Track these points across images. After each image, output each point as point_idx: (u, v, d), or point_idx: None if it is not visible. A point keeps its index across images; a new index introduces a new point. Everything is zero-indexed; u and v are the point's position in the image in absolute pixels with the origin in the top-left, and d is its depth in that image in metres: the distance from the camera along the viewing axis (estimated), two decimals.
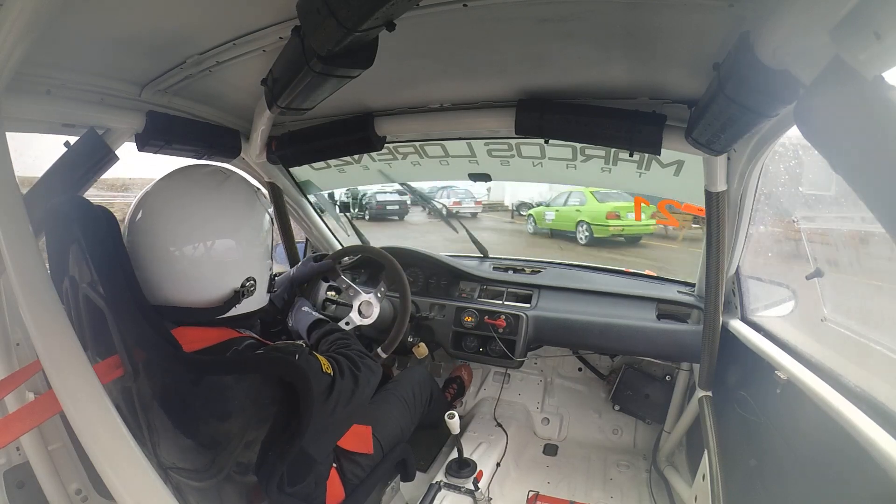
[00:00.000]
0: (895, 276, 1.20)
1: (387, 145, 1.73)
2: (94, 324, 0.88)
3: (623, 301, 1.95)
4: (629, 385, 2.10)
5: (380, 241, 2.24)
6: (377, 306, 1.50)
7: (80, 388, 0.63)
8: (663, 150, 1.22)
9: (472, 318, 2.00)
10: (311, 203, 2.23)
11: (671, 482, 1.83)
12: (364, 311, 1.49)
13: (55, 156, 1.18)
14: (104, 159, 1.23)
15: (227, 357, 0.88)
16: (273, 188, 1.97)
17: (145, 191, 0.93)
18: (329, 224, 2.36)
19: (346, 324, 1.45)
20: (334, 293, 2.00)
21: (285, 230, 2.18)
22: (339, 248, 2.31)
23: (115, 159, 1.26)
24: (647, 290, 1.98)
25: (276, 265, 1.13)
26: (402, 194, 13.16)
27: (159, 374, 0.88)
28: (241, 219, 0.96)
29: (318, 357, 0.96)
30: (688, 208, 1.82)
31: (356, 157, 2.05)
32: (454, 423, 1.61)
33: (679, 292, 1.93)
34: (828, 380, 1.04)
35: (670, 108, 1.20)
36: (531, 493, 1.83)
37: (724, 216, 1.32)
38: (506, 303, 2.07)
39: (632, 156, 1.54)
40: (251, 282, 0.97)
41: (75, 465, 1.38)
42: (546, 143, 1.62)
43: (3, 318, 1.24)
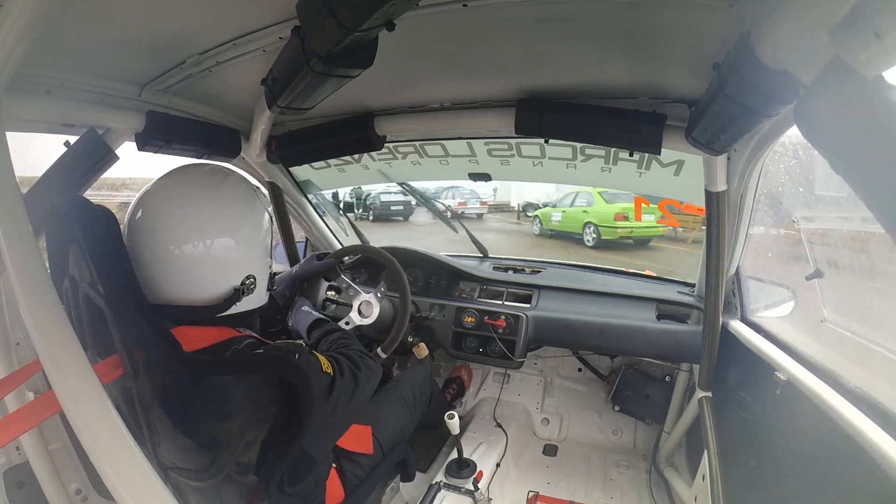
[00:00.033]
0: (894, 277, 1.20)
1: (387, 145, 1.72)
2: (94, 324, 0.89)
3: (623, 301, 1.95)
4: (629, 385, 2.10)
5: (379, 243, 2.24)
6: (377, 306, 1.50)
7: (80, 388, 0.63)
8: (663, 149, 1.22)
9: (472, 319, 2.00)
10: (311, 203, 2.23)
11: (671, 482, 1.83)
12: (364, 311, 1.49)
13: (55, 156, 1.18)
14: (104, 159, 1.23)
15: (227, 357, 0.88)
16: (273, 188, 1.97)
17: (145, 190, 0.93)
18: (329, 224, 2.36)
19: (346, 324, 1.45)
20: (334, 293, 2.00)
21: (285, 230, 2.18)
22: (339, 247, 2.31)
23: (115, 159, 1.26)
24: (647, 290, 1.98)
25: (276, 265, 1.13)
26: (406, 195, 12.91)
27: (159, 374, 0.88)
28: (240, 217, 0.96)
29: (319, 357, 0.96)
30: (688, 208, 1.82)
31: (356, 156, 2.05)
32: (454, 424, 1.61)
33: (679, 293, 1.93)
34: (827, 380, 1.04)
35: (670, 108, 1.20)
36: (531, 494, 1.83)
37: (724, 216, 1.32)
38: (506, 303, 2.07)
39: (632, 155, 1.54)
40: (251, 280, 0.97)
41: (75, 465, 1.38)
42: (546, 142, 1.62)
43: (3, 318, 1.24)
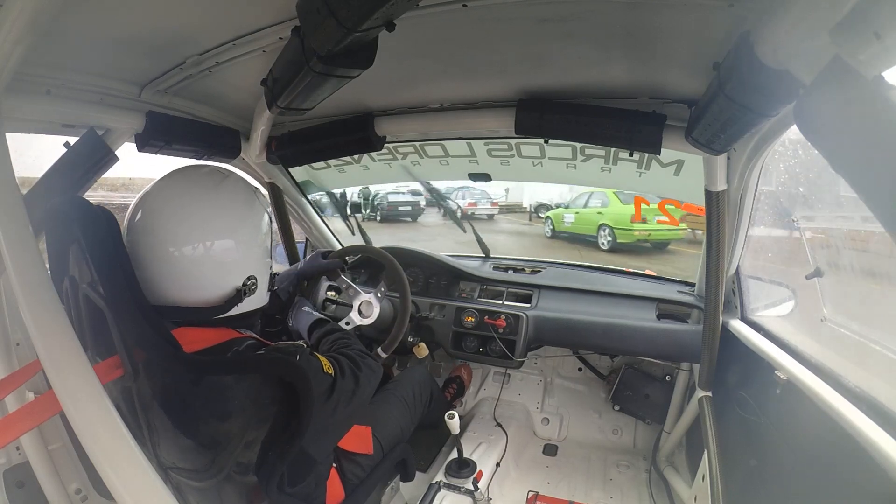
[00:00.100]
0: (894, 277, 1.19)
1: (387, 145, 1.72)
2: (94, 324, 0.88)
3: (623, 301, 1.95)
4: (629, 385, 2.10)
5: (383, 244, 2.24)
6: (377, 306, 1.50)
7: (80, 388, 0.63)
8: (663, 149, 1.22)
9: (473, 318, 2.00)
10: (311, 203, 2.23)
11: (671, 482, 1.83)
12: (364, 311, 1.49)
13: (55, 156, 1.18)
14: (104, 159, 1.23)
15: (228, 357, 0.88)
16: (273, 188, 1.97)
17: (145, 191, 0.93)
18: (330, 225, 2.36)
19: (347, 324, 1.45)
20: (334, 293, 2.00)
21: (285, 230, 2.18)
22: (339, 247, 2.31)
23: (115, 159, 1.26)
24: (648, 289, 1.98)
25: (276, 265, 1.13)
26: (415, 195, 12.61)
27: (159, 375, 0.88)
28: (240, 218, 0.96)
29: (319, 357, 0.96)
30: (688, 208, 1.82)
31: (356, 157, 2.05)
32: (454, 423, 1.61)
33: (679, 292, 1.93)
34: (827, 380, 1.04)
35: (670, 108, 1.20)
36: (531, 494, 1.83)
37: (724, 216, 1.32)
38: (506, 303, 2.07)
39: (632, 155, 1.54)
40: (252, 280, 0.97)
41: (75, 465, 1.38)
42: (546, 142, 1.62)
43: (3, 318, 1.24)
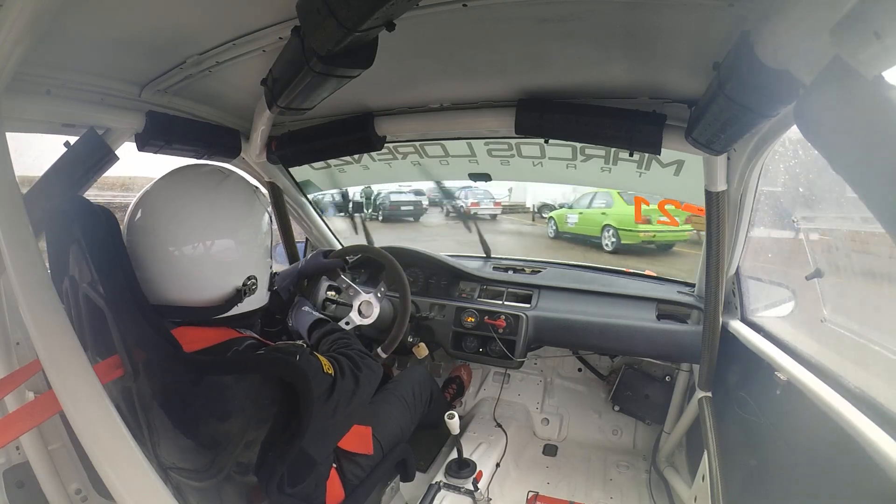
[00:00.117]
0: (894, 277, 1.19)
1: (387, 145, 1.72)
2: (94, 324, 0.88)
3: (623, 301, 1.95)
4: (629, 385, 2.10)
5: (380, 244, 2.24)
6: (377, 306, 1.50)
7: (80, 388, 0.63)
8: (663, 149, 1.22)
9: (473, 319, 2.00)
10: (311, 203, 2.23)
11: (671, 483, 1.83)
12: (364, 311, 1.49)
13: (55, 156, 1.18)
14: (104, 159, 1.23)
15: (228, 357, 0.88)
16: (273, 188, 1.97)
17: (145, 190, 0.93)
18: (330, 225, 2.36)
19: (347, 324, 1.45)
20: (334, 293, 2.00)
21: (285, 230, 2.18)
22: (339, 247, 2.31)
23: (115, 159, 1.26)
24: (647, 290, 1.98)
25: (276, 265, 1.13)
26: (417, 194, 12.45)
27: (159, 374, 0.88)
28: (240, 218, 0.96)
29: (319, 357, 0.96)
30: (688, 208, 1.82)
31: (356, 156, 2.05)
32: (454, 424, 1.61)
33: (679, 292, 1.93)
34: (827, 381, 1.04)
35: (670, 108, 1.20)
36: (531, 494, 1.83)
37: (724, 216, 1.32)
38: (506, 303, 2.07)
39: (632, 155, 1.54)
40: (253, 280, 0.97)
41: (75, 465, 1.38)
42: (546, 142, 1.62)
43: (3, 318, 1.24)
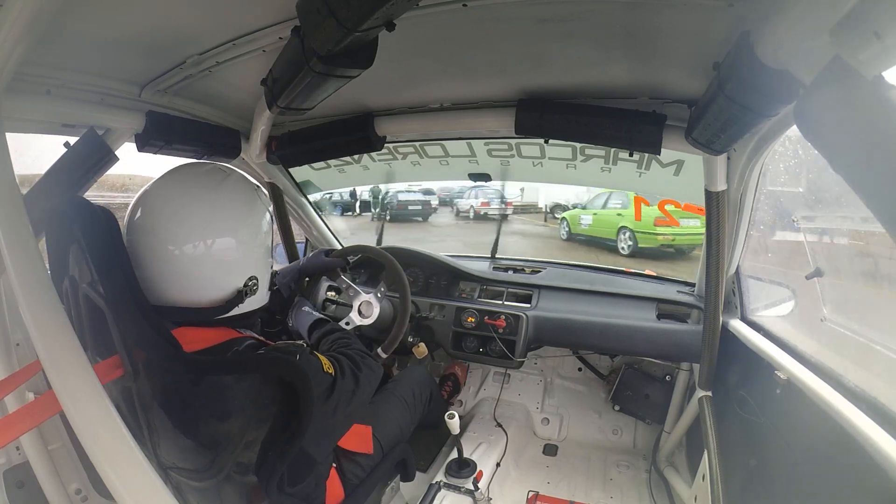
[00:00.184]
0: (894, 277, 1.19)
1: (387, 145, 1.73)
2: (94, 324, 0.88)
3: (623, 301, 1.95)
4: (629, 385, 2.10)
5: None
6: (377, 306, 1.50)
7: (80, 388, 0.63)
8: (663, 149, 1.22)
9: (473, 319, 2.00)
10: (311, 203, 2.23)
11: (671, 482, 1.83)
12: (364, 311, 1.49)
13: (55, 156, 1.18)
14: (104, 159, 1.23)
15: (228, 357, 0.88)
16: (273, 188, 1.97)
17: (144, 189, 0.93)
18: (330, 225, 2.36)
19: (347, 324, 1.45)
20: (334, 293, 2.00)
21: (285, 230, 2.18)
22: (339, 247, 2.31)
23: (115, 159, 1.26)
24: (647, 290, 1.98)
25: (276, 265, 1.13)
26: (426, 194, 12.20)
27: (159, 374, 0.88)
28: (240, 217, 0.96)
29: (319, 357, 0.96)
30: (688, 208, 1.82)
31: (356, 157, 2.05)
32: (454, 424, 1.61)
33: (679, 292, 1.93)
34: (828, 380, 1.04)
35: (670, 108, 1.20)
36: (531, 493, 1.83)
37: (724, 216, 1.32)
38: (506, 303, 2.07)
39: (632, 155, 1.54)
40: (254, 281, 0.97)
41: (75, 465, 1.38)
42: (546, 142, 1.62)
43: (3, 318, 1.24)
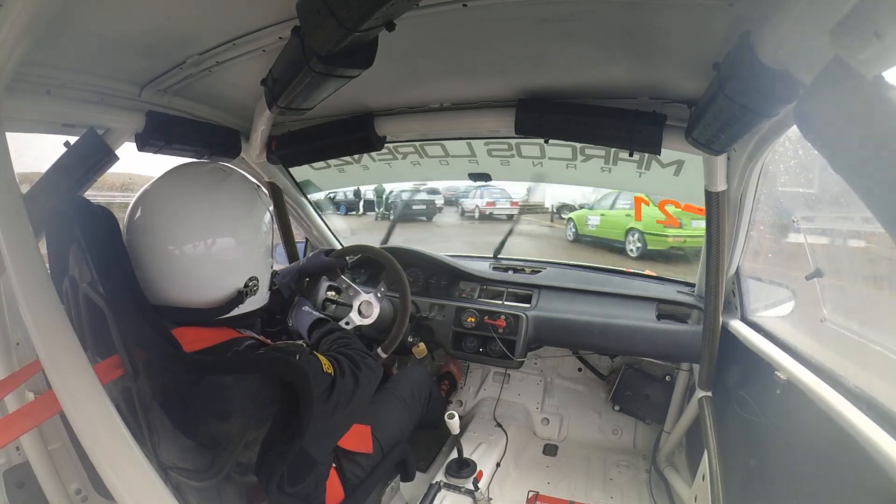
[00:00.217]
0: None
1: (387, 145, 1.73)
2: (94, 324, 0.88)
3: (623, 301, 1.95)
4: (629, 385, 2.10)
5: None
6: (377, 306, 1.50)
7: (80, 388, 0.63)
8: (663, 149, 1.22)
9: (473, 319, 2.00)
10: (311, 203, 2.23)
11: (671, 482, 1.83)
12: (364, 311, 1.49)
13: (55, 156, 1.18)
14: (104, 159, 1.23)
15: (228, 357, 0.88)
16: (273, 188, 1.97)
17: (144, 189, 0.93)
18: (330, 225, 2.36)
19: (346, 324, 1.45)
20: (334, 293, 2.00)
21: (285, 230, 2.18)
22: (339, 247, 2.31)
23: (115, 159, 1.26)
24: (647, 290, 1.98)
25: (276, 265, 1.13)
26: (431, 193, 12.08)
27: (159, 374, 0.88)
28: (241, 217, 0.96)
29: (319, 357, 0.96)
30: (688, 208, 1.82)
31: (356, 156, 2.05)
32: (454, 424, 1.61)
33: (679, 292, 1.93)
34: (828, 380, 1.04)
35: (670, 108, 1.20)
36: (531, 494, 1.83)
37: (724, 216, 1.32)
38: (506, 303, 2.07)
39: (632, 156, 1.54)
40: (254, 281, 0.97)
41: (75, 465, 1.38)
42: (546, 142, 1.62)
43: (3, 318, 1.24)
